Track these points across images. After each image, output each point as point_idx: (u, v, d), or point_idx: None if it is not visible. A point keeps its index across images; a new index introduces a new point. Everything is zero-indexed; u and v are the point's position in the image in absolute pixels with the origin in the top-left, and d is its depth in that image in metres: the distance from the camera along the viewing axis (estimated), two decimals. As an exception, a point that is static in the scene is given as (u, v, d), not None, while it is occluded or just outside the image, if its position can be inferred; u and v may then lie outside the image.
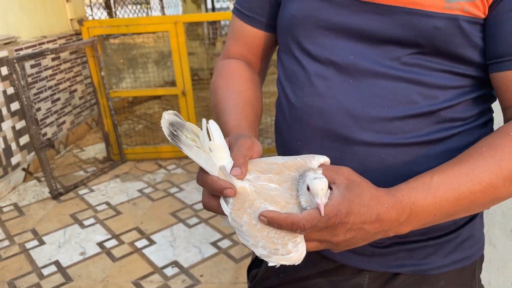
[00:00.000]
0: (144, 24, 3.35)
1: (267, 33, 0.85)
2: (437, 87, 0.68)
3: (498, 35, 0.65)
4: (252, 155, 0.63)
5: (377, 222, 0.58)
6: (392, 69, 0.68)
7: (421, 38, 0.66)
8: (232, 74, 0.84)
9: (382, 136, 0.69)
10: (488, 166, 0.61)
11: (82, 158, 3.87)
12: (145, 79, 5.09)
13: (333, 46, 0.71)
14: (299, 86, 0.75)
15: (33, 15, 3.85)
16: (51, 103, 3.87)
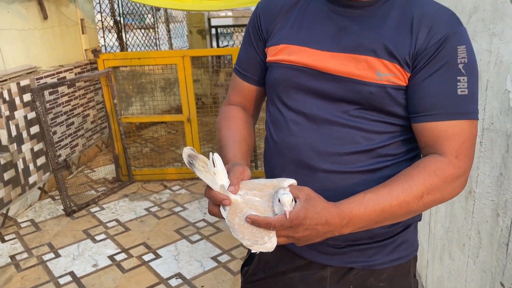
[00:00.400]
0: (155, 57, 3.68)
1: (258, 87, 1.14)
2: (374, 132, 0.97)
3: (415, 98, 0.94)
4: (243, 178, 0.91)
5: (325, 224, 0.85)
6: (343, 119, 0.97)
7: (361, 99, 0.95)
8: (232, 117, 1.13)
9: (335, 166, 0.97)
10: (403, 188, 0.89)
11: (93, 178, 4.15)
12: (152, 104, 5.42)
13: (303, 101, 1.00)
14: (279, 128, 1.04)
15: (52, 47, 4.20)
16: (66, 127, 4.17)
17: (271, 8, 1.07)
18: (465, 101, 0.91)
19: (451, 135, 0.91)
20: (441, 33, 0.90)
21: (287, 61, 1.00)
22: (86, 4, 4.91)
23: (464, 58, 0.91)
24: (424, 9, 0.94)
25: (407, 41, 0.92)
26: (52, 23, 4.21)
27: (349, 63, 0.94)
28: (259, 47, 1.09)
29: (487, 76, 1.35)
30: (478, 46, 1.41)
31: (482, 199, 1.41)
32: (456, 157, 0.91)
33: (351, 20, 0.96)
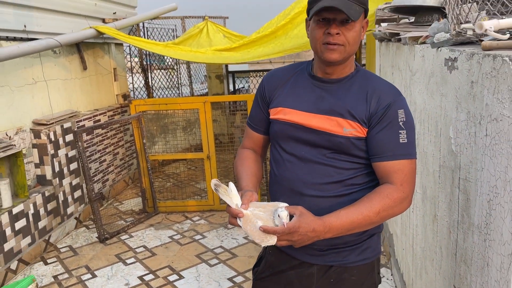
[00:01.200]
0: (180, 103, 4.21)
1: (264, 136, 1.60)
2: (344, 169, 1.40)
3: (371, 145, 1.37)
4: (251, 200, 1.33)
5: (313, 231, 1.25)
6: (322, 159, 1.40)
7: (334, 145, 1.38)
8: (245, 158, 1.58)
9: (317, 192, 1.40)
10: (365, 206, 1.30)
11: (121, 210, 4.60)
12: (174, 143, 5.92)
13: (294, 147, 1.44)
14: (279, 165, 1.48)
15: (89, 93, 4.78)
16: (99, 164, 4.68)
17: (273, 81, 1.54)
18: (405, 147, 1.34)
19: (397, 170, 1.33)
20: (386, 101, 1.35)
21: (284, 119, 1.45)
22: (118, 55, 5.54)
23: (403, 118, 1.35)
24: (374, 85, 1.40)
25: (363, 107, 1.36)
26: (90, 73, 4.81)
27: (325, 121, 1.38)
28: (264, 108, 1.55)
29: (440, 125, 1.78)
30: (434, 103, 1.84)
31: (441, 221, 1.79)
32: (401, 185, 1.33)
33: (326, 92, 1.42)
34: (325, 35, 1.31)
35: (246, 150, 1.61)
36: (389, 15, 3.24)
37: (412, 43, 2.27)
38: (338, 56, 1.32)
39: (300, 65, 1.52)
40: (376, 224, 1.35)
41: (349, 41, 1.32)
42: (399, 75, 2.66)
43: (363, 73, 1.44)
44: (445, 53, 1.68)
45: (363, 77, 1.42)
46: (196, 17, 6.76)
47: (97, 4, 4.93)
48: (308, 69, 1.47)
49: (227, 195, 1.32)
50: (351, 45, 1.33)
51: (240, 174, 1.50)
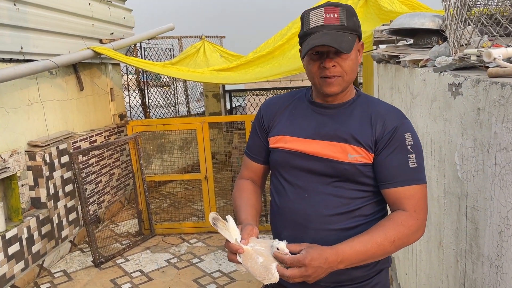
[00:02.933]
0: (177, 123, 4.17)
1: (263, 165, 1.54)
2: (350, 198, 1.34)
3: (380, 171, 1.32)
4: (251, 234, 1.27)
5: (326, 262, 1.18)
6: (326, 189, 1.34)
7: (338, 173, 1.33)
8: (244, 189, 1.52)
9: (322, 225, 1.34)
10: (380, 235, 1.24)
11: (117, 232, 4.52)
12: (170, 163, 5.87)
13: (296, 176, 1.39)
14: (281, 196, 1.42)
15: (86, 113, 4.74)
16: (95, 185, 4.61)
17: (271, 110, 1.48)
18: (416, 171, 1.29)
19: (409, 196, 1.28)
20: (392, 125, 1.31)
21: (284, 148, 1.40)
22: (115, 75, 5.52)
23: (411, 141, 1.30)
24: (378, 109, 1.35)
25: (368, 131, 1.32)
26: (87, 93, 4.78)
27: (328, 148, 1.33)
28: (263, 137, 1.50)
29: (444, 150, 1.75)
30: (438, 127, 1.82)
31: (448, 249, 1.75)
32: (415, 211, 1.27)
33: (328, 117, 1.37)
34: (321, 69, 1.29)
35: (244, 180, 1.56)
36: (387, 36, 3.25)
37: (412, 66, 2.26)
38: (337, 88, 1.30)
39: (298, 93, 1.48)
40: (390, 253, 1.29)
41: (346, 71, 1.29)
42: (398, 97, 2.65)
43: (365, 97, 1.41)
44: (449, 78, 1.66)
45: (365, 102, 1.38)
46: (193, 37, 6.79)
47: (94, 25, 4.94)
48: (308, 95, 1.43)
49: (226, 230, 1.27)
50: (348, 74, 1.30)
51: (239, 206, 1.45)
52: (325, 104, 1.38)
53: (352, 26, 1.28)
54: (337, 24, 1.25)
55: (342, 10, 1.27)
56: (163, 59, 6.37)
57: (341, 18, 1.26)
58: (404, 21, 2.62)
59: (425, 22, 2.53)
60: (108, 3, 5.27)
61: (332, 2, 1.30)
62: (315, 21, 1.27)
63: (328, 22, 1.25)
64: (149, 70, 4.66)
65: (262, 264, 1.20)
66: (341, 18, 1.26)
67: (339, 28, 1.25)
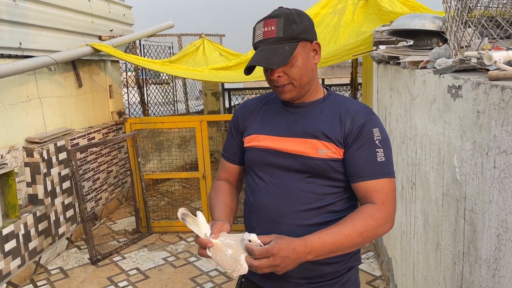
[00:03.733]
0: (176, 121, 4.16)
1: (239, 166, 1.56)
2: (323, 194, 1.36)
3: (350, 166, 1.34)
4: (222, 229, 1.27)
5: (294, 252, 1.20)
6: (299, 185, 1.36)
7: (310, 169, 1.35)
8: (220, 189, 1.53)
9: (295, 220, 1.36)
10: (348, 226, 1.26)
11: (114, 229, 4.51)
12: (168, 160, 5.86)
13: (271, 173, 1.41)
14: (254, 193, 1.44)
15: (84, 110, 4.73)
16: (92, 182, 4.60)
17: (245, 111, 1.52)
18: (384, 165, 1.32)
19: (378, 189, 1.31)
20: (360, 121, 1.34)
21: (258, 146, 1.43)
22: (114, 72, 5.51)
23: (379, 136, 1.34)
24: (348, 106, 1.39)
25: (338, 128, 1.35)
26: (85, 90, 4.77)
27: (299, 144, 1.37)
28: (238, 138, 1.53)
29: (443, 152, 1.75)
30: (437, 129, 1.82)
31: (445, 251, 1.75)
32: (383, 204, 1.30)
33: (299, 115, 1.41)
34: (270, 80, 1.35)
35: (220, 181, 1.58)
36: (387, 37, 3.24)
37: (412, 67, 2.26)
38: (290, 95, 1.35)
39: (272, 94, 1.52)
40: (359, 245, 1.31)
41: (294, 78, 1.33)
42: (398, 98, 2.65)
43: (335, 96, 1.46)
44: (448, 80, 1.66)
45: (335, 100, 1.43)
46: (193, 35, 6.77)
47: (94, 22, 4.92)
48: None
49: (195, 225, 1.27)
50: (298, 79, 1.34)
51: (214, 206, 1.47)
52: (295, 104, 1.42)
53: (290, 35, 1.30)
54: (273, 37, 1.29)
55: (279, 21, 1.30)
56: (162, 56, 6.36)
57: (278, 30, 1.29)
58: (404, 22, 2.61)
59: (425, 24, 2.53)
60: (107, 0, 5.26)
61: (271, 13, 1.33)
62: (257, 36, 1.33)
63: (266, 36, 1.30)
64: (148, 68, 4.64)
65: (231, 256, 1.21)
66: (278, 30, 1.29)
67: (274, 41, 1.29)
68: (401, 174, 2.62)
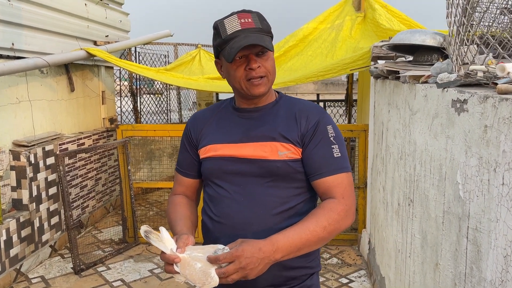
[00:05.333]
0: (169, 130, 4.09)
1: (195, 179, 1.52)
2: (286, 197, 1.35)
3: (308, 164, 1.35)
4: (187, 243, 1.23)
5: (260, 251, 1.16)
6: (262, 190, 1.34)
7: (271, 172, 1.33)
8: (177, 203, 1.49)
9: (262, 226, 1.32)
10: (311, 222, 1.26)
11: (100, 238, 4.38)
12: (158, 170, 5.76)
13: (232, 181, 1.38)
14: (216, 203, 1.40)
15: (75, 115, 4.63)
16: (80, 189, 4.48)
17: (197, 123, 1.49)
18: (340, 161, 1.35)
19: (337, 184, 1.33)
20: (314, 119, 1.37)
21: (215, 155, 1.41)
22: (107, 78, 5.44)
23: (333, 133, 1.37)
24: (301, 106, 1.42)
25: (294, 128, 1.37)
26: (78, 95, 4.68)
27: (258, 148, 1.36)
28: (193, 151, 1.50)
29: (445, 168, 1.69)
30: (439, 144, 1.77)
31: (445, 271, 1.68)
32: (343, 198, 1.32)
33: (255, 120, 1.41)
34: (247, 71, 1.33)
35: (177, 196, 1.54)
36: (386, 52, 3.23)
37: (413, 81, 2.22)
38: (264, 88, 1.35)
39: (223, 103, 1.52)
40: (324, 240, 1.29)
41: (269, 71, 1.36)
42: (396, 113, 2.61)
43: (287, 98, 1.48)
44: (453, 94, 1.62)
45: (288, 101, 1.45)
46: (189, 45, 6.74)
47: (89, 26, 4.86)
48: (232, 103, 1.47)
49: (160, 241, 1.22)
50: (271, 73, 1.37)
51: (174, 220, 1.42)
52: (249, 108, 1.42)
53: (266, 29, 1.35)
54: (253, 27, 1.31)
55: (253, 15, 1.34)
56: (158, 65, 6.31)
57: (255, 22, 1.33)
58: (405, 37, 2.59)
59: (426, 39, 2.51)
60: (104, 5, 5.21)
61: (242, 10, 1.37)
62: (231, 28, 1.31)
63: (244, 26, 1.31)
64: (143, 75, 4.58)
65: (200, 269, 1.17)
66: (255, 22, 1.33)
67: (256, 31, 1.31)
68: (397, 190, 2.56)
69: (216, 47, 1.36)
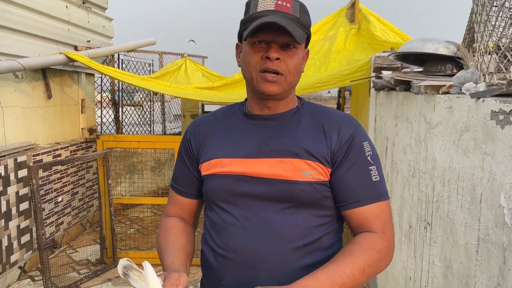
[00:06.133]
0: (154, 141, 3.81)
1: (195, 200, 1.26)
2: (310, 228, 1.09)
3: (341, 188, 1.10)
4: (178, 284, 0.96)
5: None
6: (279, 218, 1.08)
7: (292, 196, 1.08)
8: (170, 228, 1.22)
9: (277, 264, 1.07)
10: (347, 263, 1.01)
11: (75, 259, 4.03)
12: (141, 184, 5.44)
13: (241, 205, 1.11)
14: (221, 232, 1.13)
15: (51, 125, 4.30)
16: (54, 204, 4.13)
17: (199, 132, 1.22)
18: (379, 185, 1.11)
19: (376, 215, 1.09)
20: (348, 133, 1.12)
21: (222, 172, 1.13)
22: (88, 85, 5.13)
23: (370, 151, 1.12)
24: (330, 116, 1.16)
25: (323, 142, 1.10)
26: (55, 102, 4.36)
27: (277, 166, 1.09)
28: (192, 165, 1.22)
29: (481, 190, 1.48)
30: (470, 162, 1.56)
31: (481, 308, 1.46)
32: (383, 232, 1.09)
33: (271, 130, 1.14)
34: (263, 60, 1.08)
35: (171, 218, 1.26)
36: (389, 63, 3.05)
37: (431, 92, 2.02)
38: (277, 88, 1.09)
39: (231, 108, 1.25)
40: (361, 285, 1.04)
41: (290, 70, 1.09)
42: (407, 127, 2.41)
43: (310, 105, 1.22)
44: (492, 104, 1.42)
45: (313, 109, 1.20)
46: (175, 54, 6.52)
47: (70, 30, 4.57)
48: (242, 109, 1.21)
49: (142, 281, 0.95)
50: (292, 74, 1.10)
51: (164, 250, 1.15)
52: (265, 115, 1.16)
53: (305, 23, 1.10)
54: (289, 13, 1.07)
55: (295, 2, 1.10)
56: (142, 73, 6.03)
57: (294, 9, 1.08)
58: (416, 46, 2.41)
59: (439, 48, 2.33)
60: (87, 9, 4.93)
61: None
62: (263, 5, 1.07)
63: (279, 8, 1.07)
64: (127, 82, 4.30)
65: None
66: (294, 9, 1.08)
67: (290, 18, 1.07)
68: (408, 211, 2.35)
69: (241, 25, 1.12)
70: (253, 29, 1.03)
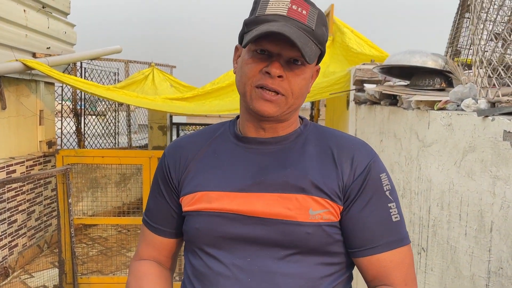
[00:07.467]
0: (119, 156, 3.53)
1: (173, 239, 1.02)
2: (316, 279, 0.89)
3: (355, 231, 0.90)
4: None
5: None
6: (280, 267, 0.88)
7: (297, 241, 0.87)
8: (143, 274, 1.00)
9: None
10: None
11: (30, 285, 3.66)
12: (104, 200, 5.12)
13: (232, 251, 0.90)
14: (207, 285, 0.91)
15: (5, 138, 3.94)
16: (7, 225, 3.76)
17: (180, 156, 0.99)
18: (400, 227, 0.93)
19: (396, 264, 0.91)
20: (363, 163, 0.92)
21: (208, 209, 0.91)
22: (47, 95, 4.78)
23: (388, 185, 0.93)
24: (340, 142, 0.95)
25: (333, 173, 0.90)
26: (10, 113, 4.01)
27: (278, 203, 0.88)
28: (171, 197, 0.99)
29: (491, 217, 1.34)
30: (477, 186, 1.42)
31: None
32: (406, 285, 0.91)
33: (269, 157, 0.93)
34: (262, 75, 0.87)
35: (144, 262, 1.03)
36: (371, 75, 2.94)
37: (424, 107, 1.90)
38: (274, 110, 0.89)
39: (220, 127, 1.03)
40: None
41: (293, 91, 0.88)
42: (394, 143, 2.28)
43: (316, 126, 1.01)
44: (506, 124, 1.29)
45: (319, 132, 0.99)
46: (142, 63, 6.26)
47: (28, 36, 4.24)
48: (232, 129, 0.99)
49: None
50: (295, 96, 0.89)
51: None
52: (261, 139, 0.94)
53: (320, 37, 0.89)
54: (303, 23, 0.87)
55: (313, 10, 0.89)
56: (106, 82, 5.72)
57: (310, 18, 0.88)
58: (403, 58, 2.30)
59: (427, 61, 2.23)
60: (47, 14, 4.61)
61: None
62: (274, 8, 0.87)
63: (292, 15, 0.86)
64: (91, 92, 4.01)
65: None
66: (310, 18, 0.88)
67: (304, 29, 0.86)
68: (397, 233, 2.21)
69: (244, 25, 0.91)
70: (256, 37, 0.83)
